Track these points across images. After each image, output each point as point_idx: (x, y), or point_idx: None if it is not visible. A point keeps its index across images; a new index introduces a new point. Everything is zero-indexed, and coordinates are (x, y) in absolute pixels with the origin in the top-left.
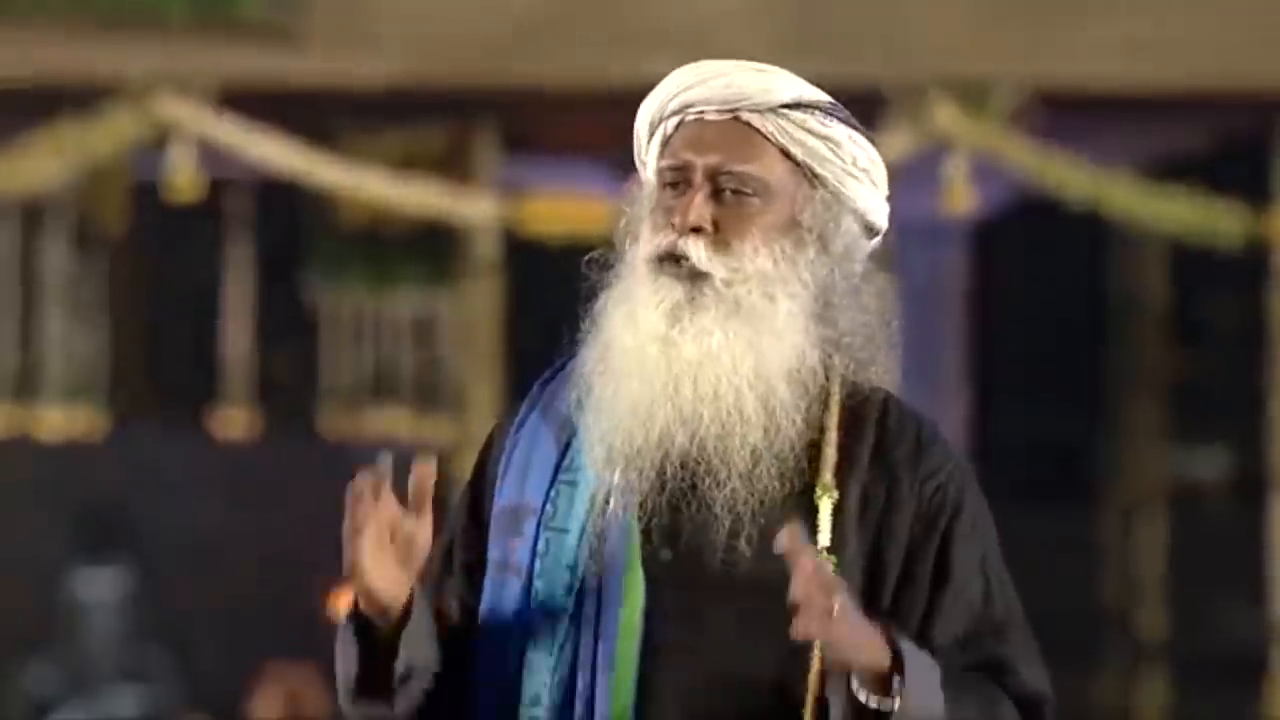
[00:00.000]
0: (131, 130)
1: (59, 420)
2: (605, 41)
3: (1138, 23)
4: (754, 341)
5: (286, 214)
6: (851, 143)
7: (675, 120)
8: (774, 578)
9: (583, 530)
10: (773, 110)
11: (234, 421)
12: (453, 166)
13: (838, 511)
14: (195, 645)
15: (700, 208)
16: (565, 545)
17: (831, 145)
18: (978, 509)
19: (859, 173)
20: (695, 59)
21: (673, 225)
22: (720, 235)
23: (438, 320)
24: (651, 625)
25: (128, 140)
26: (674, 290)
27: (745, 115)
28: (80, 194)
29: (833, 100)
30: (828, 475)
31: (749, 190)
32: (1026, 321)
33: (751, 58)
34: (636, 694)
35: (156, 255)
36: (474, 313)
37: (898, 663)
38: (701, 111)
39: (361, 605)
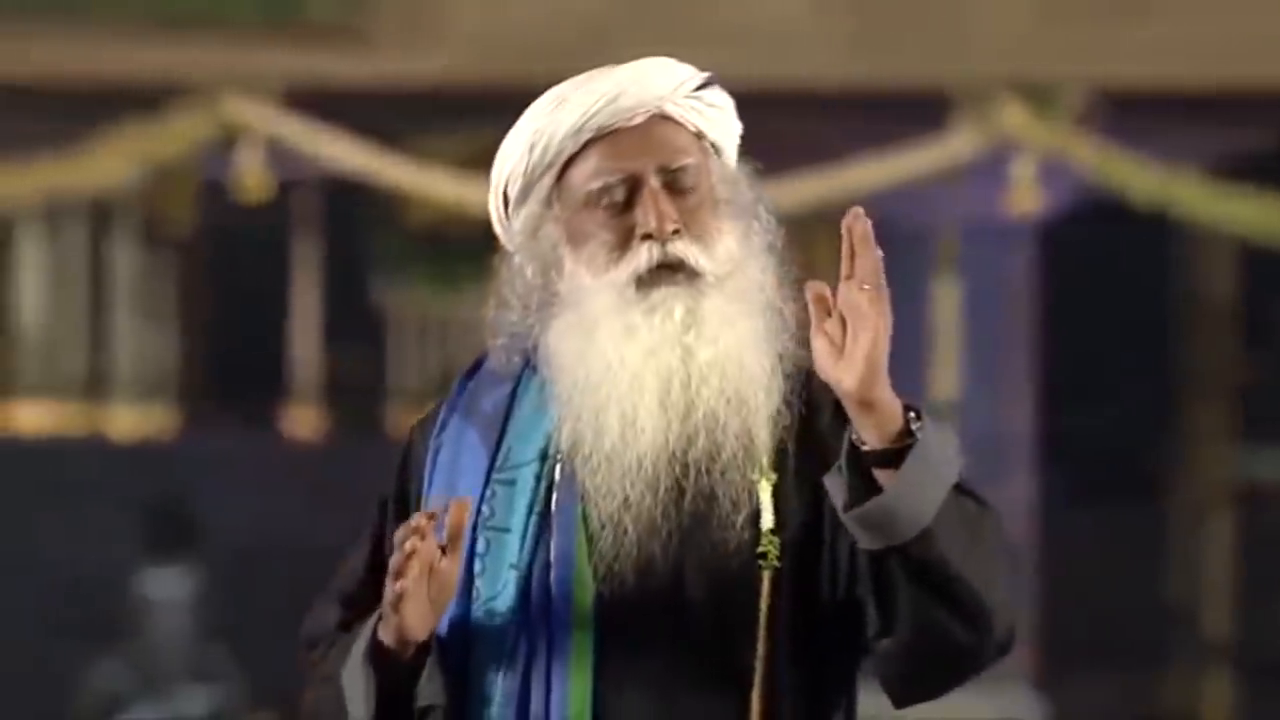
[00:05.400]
0: (199, 131)
1: (129, 420)
2: (669, 41)
3: (1204, 21)
4: (760, 328)
5: (354, 214)
6: (734, 111)
7: (586, 140)
8: (731, 557)
9: (525, 529)
10: (687, 96)
11: (302, 421)
12: None
13: (776, 494)
14: (262, 645)
15: (669, 210)
16: (507, 545)
17: (725, 115)
18: None
19: (738, 138)
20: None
21: (648, 236)
22: (690, 232)
23: None
24: (603, 617)
25: (196, 141)
26: (679, 297)
27: (667, 109)
28: (149, 194)
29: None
30: (764, 459)
31: (691, 182)
32: (1093, 322)
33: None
34: (594, 687)
35: (225, 255)
36: None
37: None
38: (617, 123)
39: (388, 638)
